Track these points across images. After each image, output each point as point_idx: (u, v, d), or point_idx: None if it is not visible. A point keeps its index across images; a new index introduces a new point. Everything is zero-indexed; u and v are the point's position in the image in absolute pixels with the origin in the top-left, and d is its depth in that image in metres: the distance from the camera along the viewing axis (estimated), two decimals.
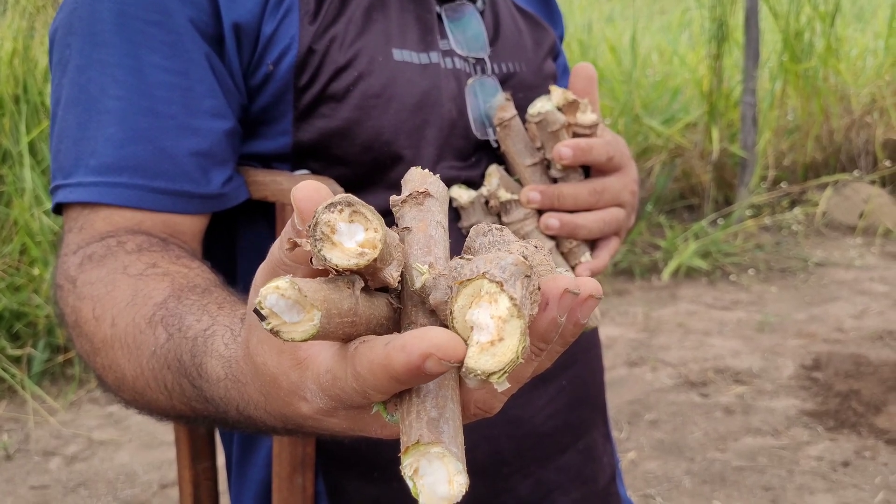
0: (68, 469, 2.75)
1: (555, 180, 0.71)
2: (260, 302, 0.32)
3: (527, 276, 0.34)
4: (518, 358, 0.32)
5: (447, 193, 0.42)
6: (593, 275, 0.71)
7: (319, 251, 0.33)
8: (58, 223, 3.39)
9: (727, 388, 2.95)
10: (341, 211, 0.33)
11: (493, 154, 0.75)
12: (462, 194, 0.70)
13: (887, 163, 4.50)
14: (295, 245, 0.35)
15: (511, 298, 0.33)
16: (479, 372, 0.32)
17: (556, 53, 0.91)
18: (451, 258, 0.38)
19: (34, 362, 3.27)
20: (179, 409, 0.54)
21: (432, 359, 0.32)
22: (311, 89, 0.69)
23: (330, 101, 0.69)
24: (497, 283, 0.33)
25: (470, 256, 0.37)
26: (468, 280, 0.34)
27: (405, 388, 0.34)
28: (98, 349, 0.58)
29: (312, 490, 0.74)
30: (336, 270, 0.34)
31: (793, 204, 4.51)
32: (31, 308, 3.29)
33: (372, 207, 0.34)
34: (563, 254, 0.71)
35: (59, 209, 0.69)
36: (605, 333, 3.47)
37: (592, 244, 0.73)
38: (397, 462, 0.34)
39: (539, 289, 0.34)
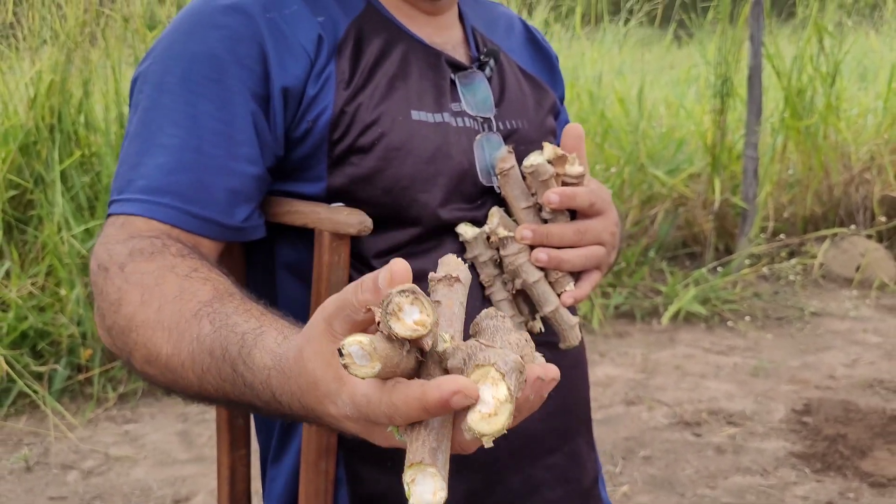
0: (85, 483, 2.88)
1: (545, 221, 0.85)
2: (343, 346, 0.47)
3: (521, 371, 0.49)
4: (504, 430, 0.47)
5: (470, 278, 0.58)
6: (576, 302, 0.85)
7: (387, 321, 0.47)
8: (85, 243, 3.55)
9: (720, 429, 3.06)
10: (408, 297, 0.47)
11: (495, 198, 0.89)
12: (468, 231, 0.85)
13: (883, 218, 4.64)
14: (369, 309, 0.50)
15: (508, 388, 0.47)
16: (476, 432, 0.47)
17: (556, 112, 1.06)
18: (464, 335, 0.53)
19: (55, 380, 3.41)
20: (205, 389, 0.67)
21: (459, 395, 0.46)
22: (342, 143, 0.84)
23: (358, 152, 0.84)
24: (501, 373, 0.48)
25: (482, 341, 0.51)
26: (481, 365, 0.48)
27: (420, 420, 0.49)
28: (136, 327, 0.71)
29: (334, 475, 0.87)
30: (394, 336, 0.48)
31: (791, 255, 4.64)
32: (55, 327, 3.44)
33: (429, 298, 0.48)
34: (550, 283, 0.85)
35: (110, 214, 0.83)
36: (604, 372, 3.59)
37: (577, 276, 0.87)
38: (401, 453, 0.49)
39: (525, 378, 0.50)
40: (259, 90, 0.81)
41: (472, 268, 0.85)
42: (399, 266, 0.49)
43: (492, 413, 0.47)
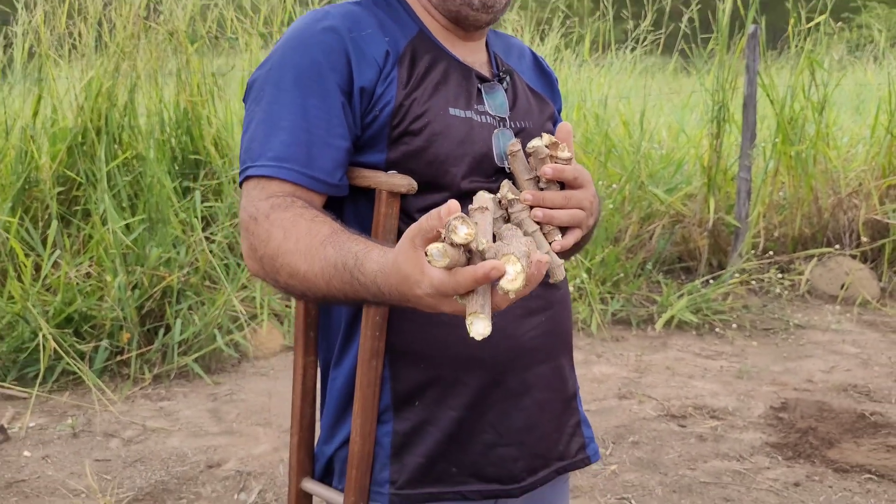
0: (126, 448, 3.18)
1: (542, 189, 1.16)
2: (428, 250, 0.79)
3: (528, 256, 0.80)
4: (521, 288, 0.79)
5: (495, 208, 0.90)
6: (562, 248, 1.16)
7: (449, 234, 0.79)
8: (126, 237, 3.88)
9: (703, 421, 3.35)
10: (459, 220, 0.79)
11: (505, 174, 1.21)
12: (485, 196, 1.16)
13: (867, 240, 4.94)
14: (438, 232, 0.82)
15: (522, 266, 0.79)
16: (504, 290, 0.78)
17: (554, 119, 1.38)
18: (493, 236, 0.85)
19: (96, 360, 3.73)
20: (330, 292, 0.99)
21: (494, 270, 0.78)
22: (399, 128, 1.16)
23: (409, 135, 1.16)
24: (517, 257, 0.80)
25: (505, 242, 0.83)
26: (506, 254, 0.80)
27: (473, 289, 0.80)
28: (281, 254, 1.03)
29: (381, 372, 1.18)
30: (454, 243, 0.80)
31: (780, 272, 4.94)
32: (98, 311, 3.76)
33: (471, 220, 0.80)
34: (544, 234, 1.15)
35: (240, 183, 1.15)
36: (600, 370, 3.89)
37: (564, 230, 1.18)
38: (435, 358, 0.82)
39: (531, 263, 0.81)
40: (346, 88, 1.13)
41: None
42: (453, 204, 0.81)
43: (513, 279, 0.79)
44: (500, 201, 1.16)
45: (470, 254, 0.84)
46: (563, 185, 1.18)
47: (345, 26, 1.16)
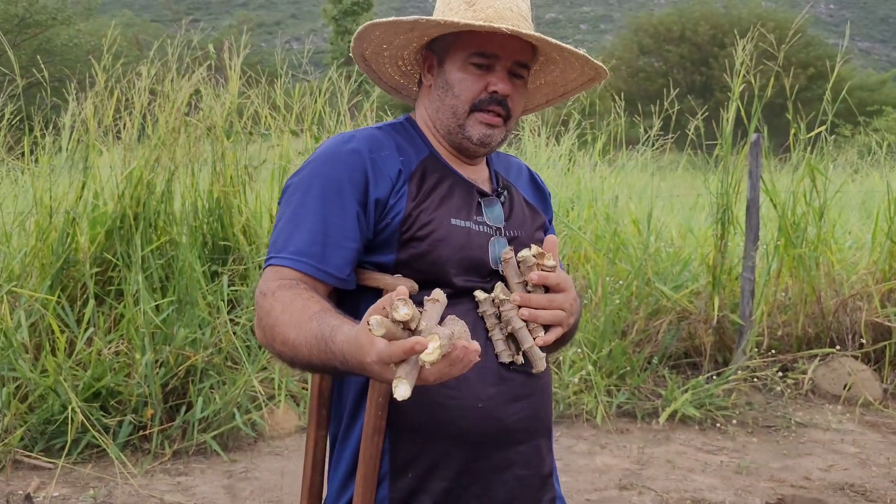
0: None
1: (529, 292, 1.37)
2: (369, 321, 1.01)
3: (449, 338, 1.02)
4: (436, 361, 1.00)
5: (445, 301, 1.11)
6: (544, 343, 1.36)
7: (392, 312, 1.01)
8: (156, 317, 4.10)
9: None
10: (402, 301, 1.01)
11: (499, 276, 1.42)
12: (481, 295, 1.36)
13: (867, 341, 5.07)
14: (385, 310, 1.03)
15: (440, 344, 1.00)
16: (423, 360, 0.99)
17: (545, 229, 1.59)
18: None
19: (120, 434, 3.90)
20: (311, 360, 1.19)
21: (418, 344, 0.99)
22: (407, 233, 1.38)
23: (416, 240, 1.38)
24: (439, 336, 1.01)
25: (440, 326, 1.05)
26: (432, 333, 1.01)
27: (404, 359, 1.01)
28: (279, 324, 1.23)
29: (382, 446, 1.37)
30: (393, 319, 1.01)
31: (783, 370, 5.07)
32: (125, 387, 3.96)
33: (412, 304, 1.02)
34: (529, 330, 1.35)
35: (264, 269, 1.37)
36: (602, 461, 4.01)
37: (546, 328, 1.38)
38: (429, 434, 1.06)
39: (454, 345, 1.03)
40: (362, 200, 1.36)
41: (482, 318, 1.37)
42: (401, 290, 1.03)
43: (430, 353, 1.00)
44: (493, 300, 1.37)
45: (411, 332, 1.05)
46: (547, 289, 1.39)
47: (366, 148, 1.40)
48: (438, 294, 1.14)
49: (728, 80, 5.04)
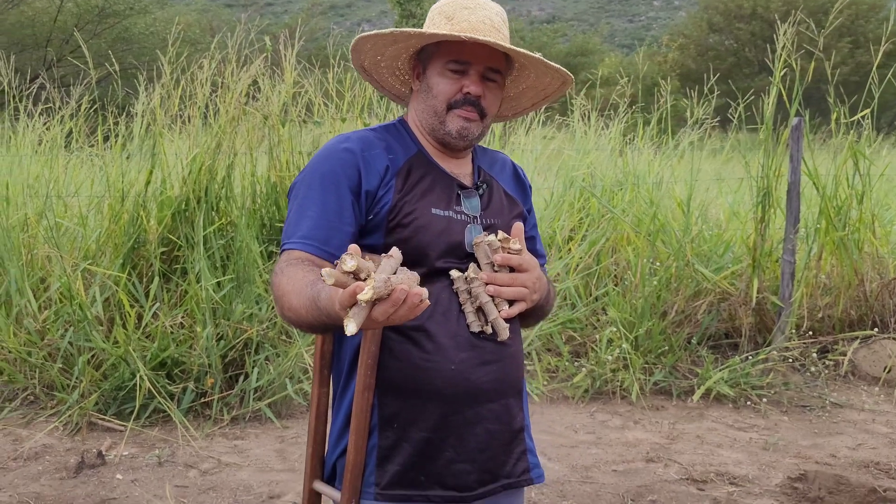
0: (202, 478, 3.66)
1: (496, 272, 1.57)
2: (322, 273, 1.22)
3: (384, 282, 1.20)
4: (371, 300, 1.19)
5: (400, 257, 1.31)
6: (508, 317, 1.57)
7: (341, 265, 1.21)
8: (216, 294, 4.43)
9: (722, 486, 3.60)
10: (349, 255, 1.22)
11: (472, 258, 1.63)
12: (455, 273, 1.58)
13: None
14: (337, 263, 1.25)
15: (373, 286, 1.19)
16: (360, 300, 1.18)
17: (522, 217, 1.79)
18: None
19: (183, 400, 4.25)
20: (310, 320, 1.39)
21: (358, 287, 1.18)
22: (393, 221, 1.60)
23: (401, 227, 1.59)
24: (374, 279, 1.19)
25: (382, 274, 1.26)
26: (371, 278, 1.21)
27: (355, 304, 1.21)
28: (285, 294, 1.45)
29: (371, 401, 1.60)
30: (342, 270, 1.22)
31: (823, 352, 5.12)
32: (188, 358, 4.30)
33: (360, 257, 1.22)
34: (495, 304, 1.56)
35: (281, 252, 1.61)
36: (633, 435, 4.18)
37: (511, 303, 1.59)
38: (411, 392, 1.31)
39: (392, 288, 1.22)
40: (356, 190, 1.59)
41: (456, 294, 1.59)
42: (352, 247, 1.23)
43: (365, 293, 1.17)
44: (465, 278, 1.59)
45: (358, 279, 1.24)
46: (513, 270, 1.60)
47: (359, 148, 1.63)
48: (394, 251, 1.32)
49: (770, 63, 5.09)
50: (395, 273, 1.24)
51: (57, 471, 3.65)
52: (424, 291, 1.23)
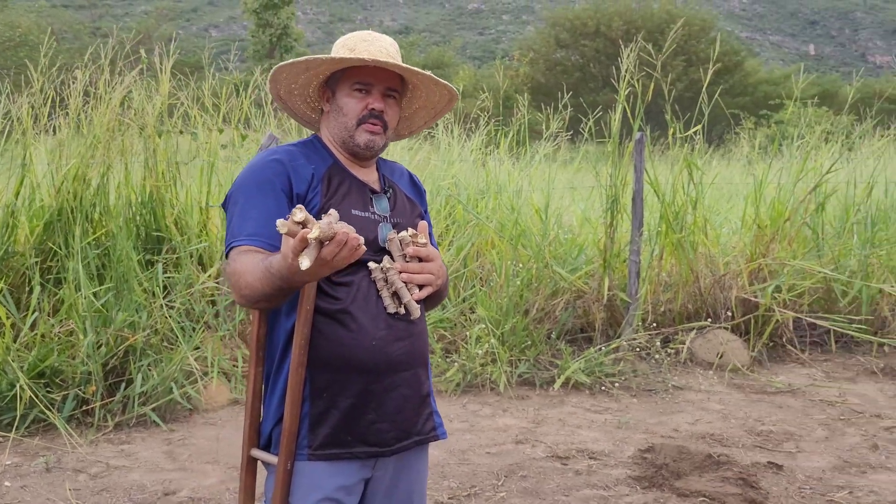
0: (93, 481, 3.73)
1: (407, 262, 1.88)
2: (278, 223, 1.50)
3: (328, 224, 1.49)
4: (318, 238, 1.48)
5: (337, 215, 1.60)
6: (418, 299, 1.87)
7: (291, 217, 1.49)
8: (97, 301, 4.47)
9: (582, 461, 4.04)
10: (298, 208, 1.48)
11: (384, 251, 1.92)
12: (373, 264, 1.86)
13: (735, 315, 5.77)
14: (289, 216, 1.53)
15: (320, 227, 1.48)
16: (310, 238, 1.48)
17: (422, 216, 2.10)
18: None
19: (64, 409, 4.27)
20: (266, 289, 1.65)
21: (306, 230, 1.46)
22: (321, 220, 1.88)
23: None
24: (318, 224, 1.48)
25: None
26: (315, 225, 1.49)
27: (306, 246, 1.50)
28: (240, 274, 1.69)
29: (304, 376, 1.85)
30: (293, 220, 1.50)
31: (665, 342, 5.73)
32: (69, 366, 4.32)
33: (307, 212, 1.50)
34: (408, 289, 1.87)
35: (226, 253, 1.84)
36: (503, 422, 4.57)
37: (421, 288, 1.90)
38: (337, 366, 1.60)
39: (335, 231, 1.51)
40: (288, 193, 1.84)
41: (374, 282, 1.87)
42: (298, 205, 1.50)
43: (312, 232, 1.47)
44: (381, 268, 1.88)
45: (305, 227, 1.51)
46: (420, 260, 1.90)
47: (287, 159, 1.89)
48: (332, 211, 1.58)
49: (615, 82, 5.65)
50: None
51: None
52: (361, 238, 1.53)
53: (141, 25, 31.91)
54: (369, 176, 2.02)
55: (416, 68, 1.94)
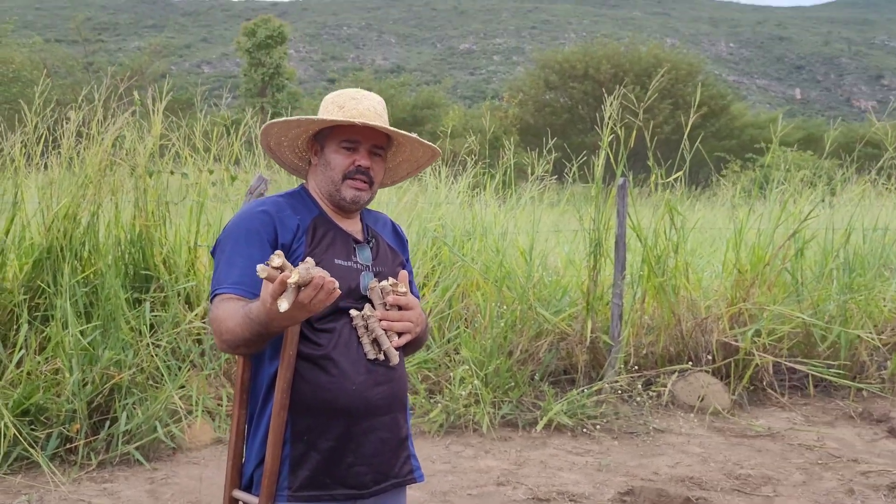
0: None
1: (387, 310, 1.95)
2: (258, 268, 1.60)
3: (306, 270, 1.60)
4: (297, 283, 1.59)
5: (313, 262, 1.68)
6: (398, 346, 1.94)
7: (270, 263, 1.59)
8: (84, 339, 4.51)
9: (563, 503, 4.08)
10: (276, 255, 1.59)
11: (366, 299, 1.99)
12: (354, 312, 1.93)
13: (716, 358, 5.85)
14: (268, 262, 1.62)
15: (300, 273, 1.58)
16: (291, 283, 1.58)
17: (403, 265, 2.18)
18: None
19: (48, 447, 4.28)
20: (246, 335, 1.73)
21: (284, 275, 1.57)
22: None
23: None
24: (297, 271, 1.59)
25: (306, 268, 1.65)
26: (294, 271, 1.59)
27: (284, 290, 1.59)
28: (221, 321, 1.76)
29: (286, 419, 1.91)
30: (271, 266, 1.59)
31: (647, 384, 5.79)
32: (54, 404, 4.35)
33: (284, 258, 1.60)
34: (388, 336, 1.93)
35: (211, 300, 1.91)
36: (485, 463, 4.60)
37: (401, 335, 1.96)
38: (318, 409, 1.69)
39: (312, 276, 1.60)
40: (273, 244, 1.92)
41: (355, 329, 1.94)
42: (277, 251, 1.59)
43: (293, 277, 1.57)
44: (362, 316, 1.95)
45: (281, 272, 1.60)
46: (400, 308, 1.98)
47: (273, 210, 1.97)
48: (308, 259, 1.67)
49: (599, 131, 5.79)
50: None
51: None
52: (336, 282, 1.61)
53: (134, 62, 32.19)
54: (353, 226, 2.10)
55: (401, 131, 2.04)
